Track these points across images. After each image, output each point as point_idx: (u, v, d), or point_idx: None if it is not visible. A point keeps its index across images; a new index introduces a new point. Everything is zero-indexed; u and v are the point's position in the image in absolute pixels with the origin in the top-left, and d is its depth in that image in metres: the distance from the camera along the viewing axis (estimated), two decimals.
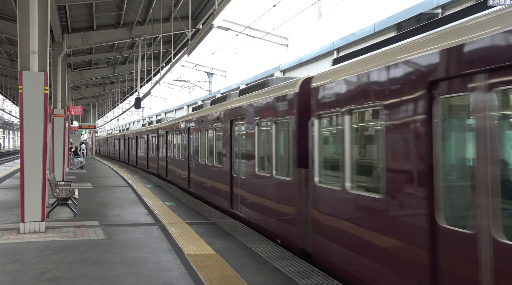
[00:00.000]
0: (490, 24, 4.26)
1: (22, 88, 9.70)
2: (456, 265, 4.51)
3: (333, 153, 7.44)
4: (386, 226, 5.57)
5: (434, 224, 4.79)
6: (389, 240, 5.50)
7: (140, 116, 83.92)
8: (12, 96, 45.83)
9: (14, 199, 14.65)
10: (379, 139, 5.86)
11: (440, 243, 4.71)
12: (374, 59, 6.03)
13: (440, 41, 4.83)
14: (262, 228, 10.12)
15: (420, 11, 14.08)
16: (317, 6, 27.76)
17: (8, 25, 19.12)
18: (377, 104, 5.81)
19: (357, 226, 6.25)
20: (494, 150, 4.15)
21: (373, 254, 5.82)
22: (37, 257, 7.90)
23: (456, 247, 4.51)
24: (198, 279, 6.69)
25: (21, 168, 9.74)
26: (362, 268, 6.07)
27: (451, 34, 4.71)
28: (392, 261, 5.45)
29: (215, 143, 14.24)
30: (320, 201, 7.46)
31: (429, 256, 4.83)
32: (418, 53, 5.10)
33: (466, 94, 4.47)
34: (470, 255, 4.32)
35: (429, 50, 4.94)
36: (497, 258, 4.04)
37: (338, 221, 6.78)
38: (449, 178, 4.88)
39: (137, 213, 12.54)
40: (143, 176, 25.62)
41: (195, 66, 42.55)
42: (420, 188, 4.98)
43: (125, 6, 18.98)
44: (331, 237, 6.98)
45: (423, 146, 4.96)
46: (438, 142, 4.83)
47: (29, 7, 9.77)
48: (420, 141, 5.01)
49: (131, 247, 8.61)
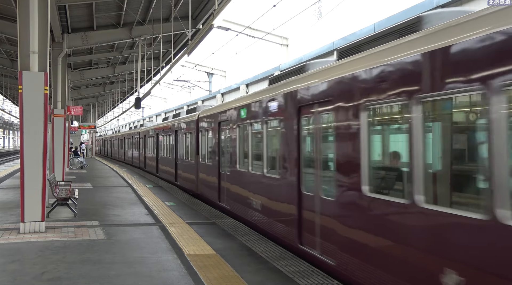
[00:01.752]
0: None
1: (22, 88, 9.70)
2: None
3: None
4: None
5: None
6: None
7: (140, 116, 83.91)
8: (12, 96, 45.82)
9: (14, 199, 14.64)
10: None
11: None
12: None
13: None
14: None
15: (420, 11, 14.21)
16: (317, 6, 27.76)
17: (8, 25, 19.12)
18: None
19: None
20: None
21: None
22: (37, 257, 7.90)
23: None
24: (198, 279, 6.69)
25: (21, 168, 9.74)
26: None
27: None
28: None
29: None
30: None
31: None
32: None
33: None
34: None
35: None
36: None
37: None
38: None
39: (137, 213, 12.54)
40: (143, 176, 25.62)
41: (195, 66, 42.53)
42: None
43: (125, 6, 18.98)
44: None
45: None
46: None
47: (29, 7, 9.78)
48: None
49: (131, 247, 8.62)
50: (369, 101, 6.13)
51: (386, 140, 6.58)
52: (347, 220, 6.64)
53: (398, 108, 5.88)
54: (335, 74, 7.11)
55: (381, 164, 6.53)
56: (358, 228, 6.33)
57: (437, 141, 5.44)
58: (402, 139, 5.72)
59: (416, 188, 5.22)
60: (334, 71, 7.22)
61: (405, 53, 5.56)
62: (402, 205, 5.47)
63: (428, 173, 5.28)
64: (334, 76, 7.12)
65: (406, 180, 5.50)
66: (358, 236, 6.30)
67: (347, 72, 6.76)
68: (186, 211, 12.98)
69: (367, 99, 6.17)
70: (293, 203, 8.40)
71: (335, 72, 7.18)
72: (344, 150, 6.70)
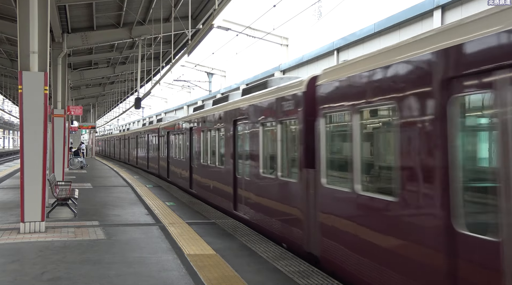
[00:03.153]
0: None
1: (22, 88, 9.70)
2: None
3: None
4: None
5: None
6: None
7: (140, 116, 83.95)
8: (12, 96, 45.83)
9: (14, 199, 14.64)
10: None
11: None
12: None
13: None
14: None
15: (420, 11, 14.07)
16: (317, 6, 27.76)
17: (8, 25, 19.13)
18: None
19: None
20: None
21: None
22: (37, 257, 7.90)
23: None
24: (198, 279, 6.69)
25: (21, 168, 9.74)
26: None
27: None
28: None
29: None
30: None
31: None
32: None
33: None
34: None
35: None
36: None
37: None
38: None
39: (137, 213, 12.54)
40: (143, 176, 25.62)
41: (195, 66, 42.53)
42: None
43: (125, 6, 18.98)
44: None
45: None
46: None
47: (29, 7, 9.77)
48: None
49: (131, 247, 8.61)
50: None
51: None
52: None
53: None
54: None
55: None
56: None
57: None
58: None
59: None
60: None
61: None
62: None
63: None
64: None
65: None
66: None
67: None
68: (186, 211, 12.98)
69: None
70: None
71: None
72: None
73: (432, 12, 16.60)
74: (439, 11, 16.23)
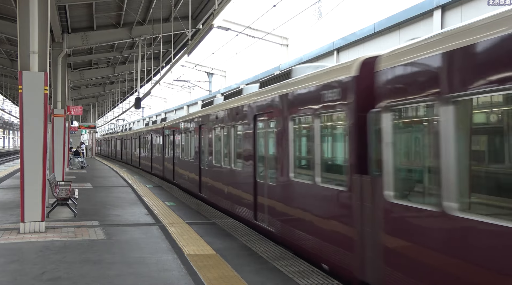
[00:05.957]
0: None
1: (22, 88, 9.70)
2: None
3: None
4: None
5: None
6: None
7: (140, 116, 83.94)
8: (12, 96, 45.83)
9: (14, 199, 14.64)
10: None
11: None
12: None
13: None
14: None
15: (420, 11, 14.13)
16: (317, 6, 27.78)
17: (8, 25, 19.12)
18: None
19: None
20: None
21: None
22: (37, 257, 7.90)
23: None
24: (198, 279, 6.70)
25: (21, 168, 9.74)
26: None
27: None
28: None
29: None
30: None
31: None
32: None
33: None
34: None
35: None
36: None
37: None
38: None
39: (137, 213, 12.54)
40: (143, 176, 25.62)
41: (195, 66, 42.53)
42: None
43: (125, 6, 18.98)
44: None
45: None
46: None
47: (29, 7, 9.77)
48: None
49: (131, 247, 8.62)
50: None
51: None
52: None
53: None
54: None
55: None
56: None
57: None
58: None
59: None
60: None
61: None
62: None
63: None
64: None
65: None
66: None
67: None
68: (186, 211, 12.98)
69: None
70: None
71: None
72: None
73: (432, 12, 16.62)
74: (439, 11, 16.24)
